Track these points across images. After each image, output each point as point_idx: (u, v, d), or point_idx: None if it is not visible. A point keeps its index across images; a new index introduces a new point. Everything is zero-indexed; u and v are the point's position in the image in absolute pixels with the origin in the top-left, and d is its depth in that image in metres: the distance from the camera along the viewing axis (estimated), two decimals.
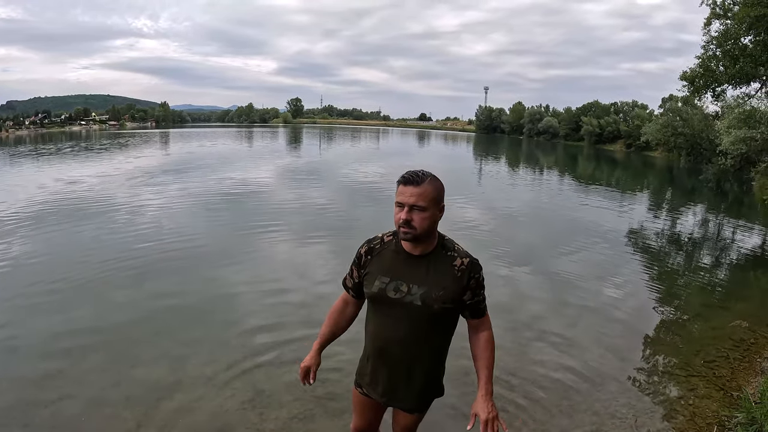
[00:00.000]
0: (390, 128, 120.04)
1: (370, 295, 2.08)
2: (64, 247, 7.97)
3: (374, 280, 2.05)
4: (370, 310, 2.15)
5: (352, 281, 2.20)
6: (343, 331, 2.33)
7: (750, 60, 14.10)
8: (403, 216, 1.90)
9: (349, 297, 2.26)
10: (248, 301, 5.90)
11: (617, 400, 4.01)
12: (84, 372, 4.18)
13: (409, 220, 1.89)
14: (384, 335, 2.08)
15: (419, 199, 1.90)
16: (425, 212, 1.90)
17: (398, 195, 1.93)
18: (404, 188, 1.92)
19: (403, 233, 1.93)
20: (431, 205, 1.92)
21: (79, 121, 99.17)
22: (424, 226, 1.91)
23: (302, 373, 2.27)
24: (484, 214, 12.33)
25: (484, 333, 2.09)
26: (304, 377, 2.28)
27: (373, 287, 2.05)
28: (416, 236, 1.93)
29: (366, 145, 49.10)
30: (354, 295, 2.23)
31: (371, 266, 2.09)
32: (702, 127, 26.56)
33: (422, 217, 1.90)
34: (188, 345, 4.71)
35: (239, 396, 3.85)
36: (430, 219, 1.93)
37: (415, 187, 1.90)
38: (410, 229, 1.91)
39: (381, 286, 2.03)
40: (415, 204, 1.89)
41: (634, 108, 61.01)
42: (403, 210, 1.91)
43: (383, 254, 2.08)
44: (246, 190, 14.98)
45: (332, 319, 2.29)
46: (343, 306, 2.28)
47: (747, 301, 6.87)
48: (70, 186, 14.59)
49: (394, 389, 2.14)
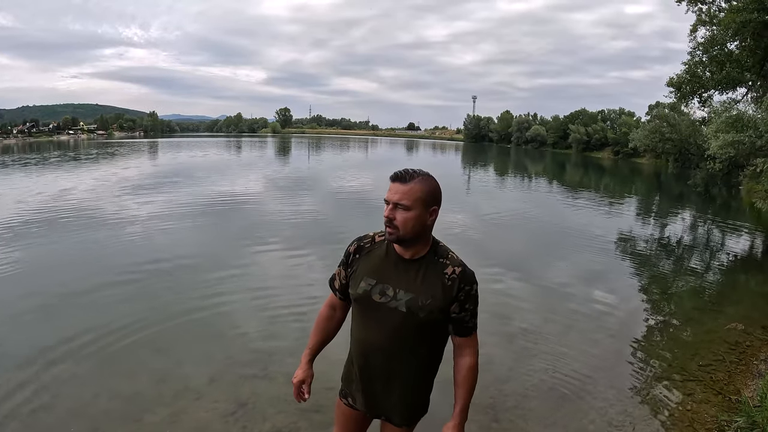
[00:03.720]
0: (378, 138, 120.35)
1: (354, 296, 1.95)
2: (50, 258, 7.76)
3: (360, 281, 1.92)
4: (355, 313, 2.02)
5: (340, 282, 2.06)
6: (332, 337, 2.18)
7: (736, 65, 14.22)
8: (386, 213, 1.79)
9: (336, 300, 2.11)
10: (234, 312, 5.74)
11: (613, 407, 3.90)
12: (62, 383, 4.03)
13: (391, 219, 1.78)
14: (366, 340, 1.95)
15: (403, 197, 1.77)
16: (409, 212, 1.78)
17: (387, 192, 1.82)
18: (391, 185, 1.81)
19: (388, 233, 1.82)
20: (417, 206, 1.79)
21: (67, 130, 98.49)
22: (407, 227, 1.79)
23: (296, 389, 2.10)
24: (472, 222, 12.27)
25: (468, 359, 1.92)
26: (298, 393, 2.11)
27: (358, 288, 1.92)
28: (399, 237, 1.81)
29: (354, 154, 49.08)
30: (341, 297, 2.09)
31: (358, 266, 1.96)
32: (689, 133, 26.76)
33: (405, 217, 1.77)
34: (170, 356, 4.57)
35: (222, 409, 3.71)
36: (415, 220, 1.79)
37: (402, 184, 1.79)
38: (393, 229, 1.79)
39: (366, 288, 1.90)
40: (398, 202, 1.77)
41: (622, 115, 61.66)
42: (387, 207, 1.80)
43: (372, 254, 1.95)
44: (235, 200, 14.83)
45: (320, 327, 2.14)
46: (330, 312, 2.14)
47: (740, 303, 6.82)
48: (57, 197, 14.32)
49: (374, 398, 2.00)
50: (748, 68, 14.16)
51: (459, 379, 1.92)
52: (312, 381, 2.12)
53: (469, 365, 1.92)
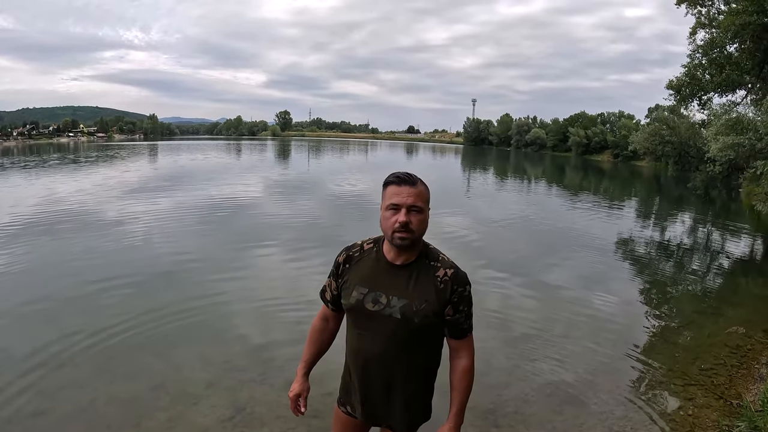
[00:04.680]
0: (378, 141, 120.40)
1: (347, 306, 1.92)
2: (48, 261, 7.73)
3: (352, 290, 1.89)
4: (349, 323, 1.98)
5: (331, 293, 2.03)
6: (327, 348, 2.16)
7: (736, 68, 14.23)
8: (402, 218, 1.73)
9: (328, 311, 2.09)
10: (232, 316, 5.71)
11: (613, 413, 3.86)
12: (60, 388, 4.00)
13: (407, 223, 1.73)
14: (362, 350, 1.91)
15: (417, 200, 1.75)
16: (422, 214, 1.77)
17: (391, 197, 1.77)
18: (398, 188, 1.76)
19: (400, 239, 1.76)
20: (426, 207, 1.79)
21: (67, 132, 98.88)
22: (422, 230, 1.78)
23: (292, 402, 2.08)
24: (472, 225, 12.25)
25: (463, 361, 1.91)
26: (294, 407, 2.09)
27: (351, 298, 1.88)
28: (413, 240, 1.78)
29: (354, 158, 49.07)
30: (333, 309, 2.06)
31: (349, 275, 1.93)
32: (689, 135, 26.72)
33: (419, 220, 1.76)
34: (168, 361, 4.54)
35: (220, 414, 3.68)
36: (426, 222, 1.80)
37: (412, 187, 1.76)
38: (408, 233, 1.75)
39: (359, 298, 1.87)
40: (413, 205, 1.75)
41: (621, 118, 61.76)
42: (399, 212, 1.75)
43: (362, 263, 1.92)
44: (235, 203, 14.80)
45: (314, 339, 2.12)
46: (323, 324, 2.11)
47: (740, 306, 6.80)
48: (58, 199, 14.30)
49: (374, 408, 1.97)
50: (748, 70, 14.17)
51: (455, 381, 1.90)
52: (308, 394, 2.10)
53: (465, 367, 1.90)
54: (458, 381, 1.89)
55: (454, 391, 1.90)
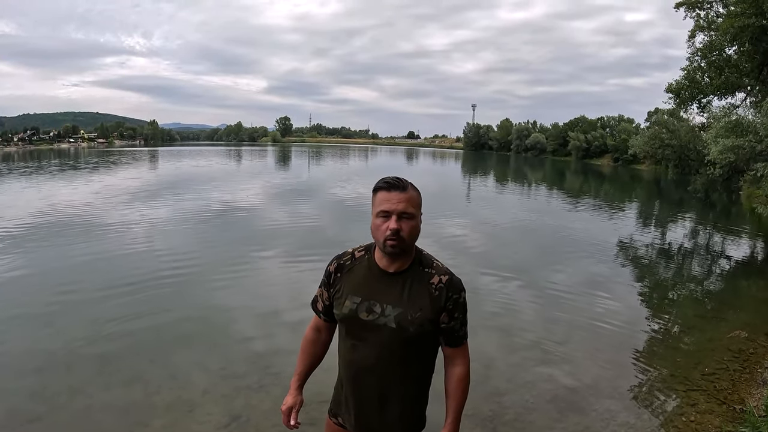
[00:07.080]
0: (378, 146, 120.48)
1: (340, 316, 1.87)
2: (46, 267, 7.69)
3: (345, 300, 1.84)
4: (342, 333, 1.93)
5: (323, 303, 1.98)
6: (321, 360, 2.11)
7: (735, 70, 14.23)
8: (392, 225, 1.68)
9: (320, 322, 2.04)
10: (229, 322, 5.67)
11: (615, 419, 3.81)
12: (55, 394, 3.97)
13: (398, 230, 1.68)
14: (355, 360, 1.86)
15: (408, 206, 1.70)
16: (413, 220, 1.71)
17: (381, 203, 1.72)
18: (388, 194, 1.71)
19: (391, 246, 1.71)
20: (418, 213, 1.74)
21: (67, 138, 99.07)
22: (413, 236, 1.73)
23: (285, 416, 2.02)
24: (473, 230, 12.22)
25: (459, 369, 1.87)
26: (287, 421, 2.03)
27: (344, 308, 1.83)
28: (404, 248, 1.73)
29: (354, 163, 49.06)
30: (326, 319, 2.01)
31: (341, 285, 1.88)
32: (689, 139, 26.76)
33: (411, 226, 1.71)
34: (165, 367, 4.50)
35: (215, 421, 3.64)
36: (417, 228, 1.74)
37: (402, 192, 1.71)
38: (399, 241, 1.70)
39: (352, 307, 1.81)
40: (404, 211, 1.69)
41: (621, 122, 61.77)
42: (389, 219, 1.70)
43: (354, 271, 1.87)
44: (237, 209, 14.77)
45: (307, 351, 2.07)
46: (316, 335, 2.07)
47: (742, 310, 6.75)
48: (58, 204, 14.26)
49: (368, 418, 1.92)
50: (747, 73, 14.17)
51: (450, 389, 1.86)
52: (301, 407, 2.04)
53: (461, 375, 1.86)
54: (454, 389, 1.85)
55: (450, 399, 1.85)
